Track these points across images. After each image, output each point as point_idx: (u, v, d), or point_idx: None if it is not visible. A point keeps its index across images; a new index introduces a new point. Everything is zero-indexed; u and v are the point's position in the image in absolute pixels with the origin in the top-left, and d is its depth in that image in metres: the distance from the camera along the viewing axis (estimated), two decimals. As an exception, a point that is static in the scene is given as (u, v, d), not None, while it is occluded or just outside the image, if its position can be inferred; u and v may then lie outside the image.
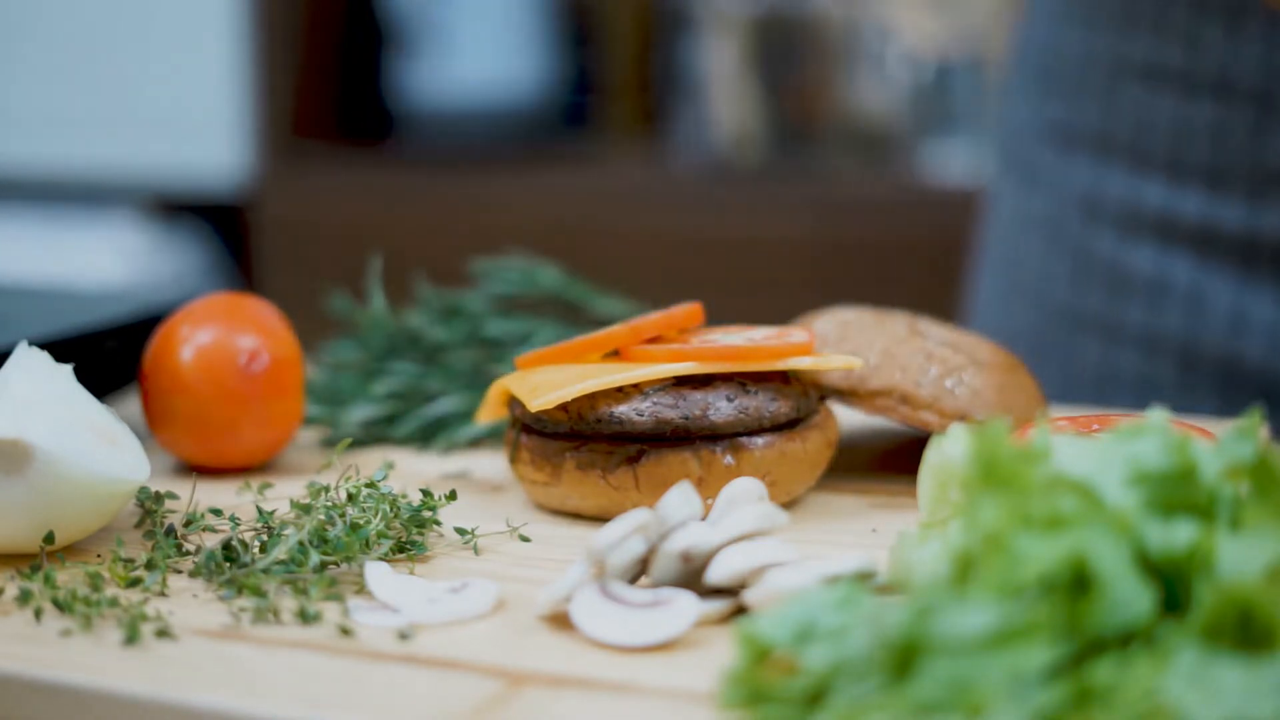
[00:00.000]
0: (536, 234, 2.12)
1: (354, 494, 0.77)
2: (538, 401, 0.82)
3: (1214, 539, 0.55)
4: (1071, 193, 1.20)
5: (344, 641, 0.67)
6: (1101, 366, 1.10)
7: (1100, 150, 1.18)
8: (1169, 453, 0.58)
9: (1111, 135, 1.17)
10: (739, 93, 2.31)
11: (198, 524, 0.80)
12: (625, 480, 0.81)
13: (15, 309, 1.01)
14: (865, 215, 2.18)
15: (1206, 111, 1.12)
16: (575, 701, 0.61)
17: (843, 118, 2.30)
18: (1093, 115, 1.18)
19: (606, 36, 2.55)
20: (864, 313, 0.92)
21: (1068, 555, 0.54)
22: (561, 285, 1.05)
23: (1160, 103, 1.14)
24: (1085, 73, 1.18)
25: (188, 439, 0.92)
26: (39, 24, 2.69)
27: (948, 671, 0.52)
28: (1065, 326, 1.20)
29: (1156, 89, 1.14)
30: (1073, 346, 1.20)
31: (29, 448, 0.74)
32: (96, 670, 0.64)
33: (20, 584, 0.72)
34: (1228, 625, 0.53)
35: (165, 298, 1.02)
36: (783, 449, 0.83)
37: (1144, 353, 1.16)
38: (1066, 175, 1.20)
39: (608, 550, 0.68)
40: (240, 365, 0.91)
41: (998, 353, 0.90)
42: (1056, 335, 1.19)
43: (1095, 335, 1.18)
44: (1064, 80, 1.20)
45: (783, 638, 0.57)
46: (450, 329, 1.04)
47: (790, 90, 2.30)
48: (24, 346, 0.80)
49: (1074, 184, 1.20)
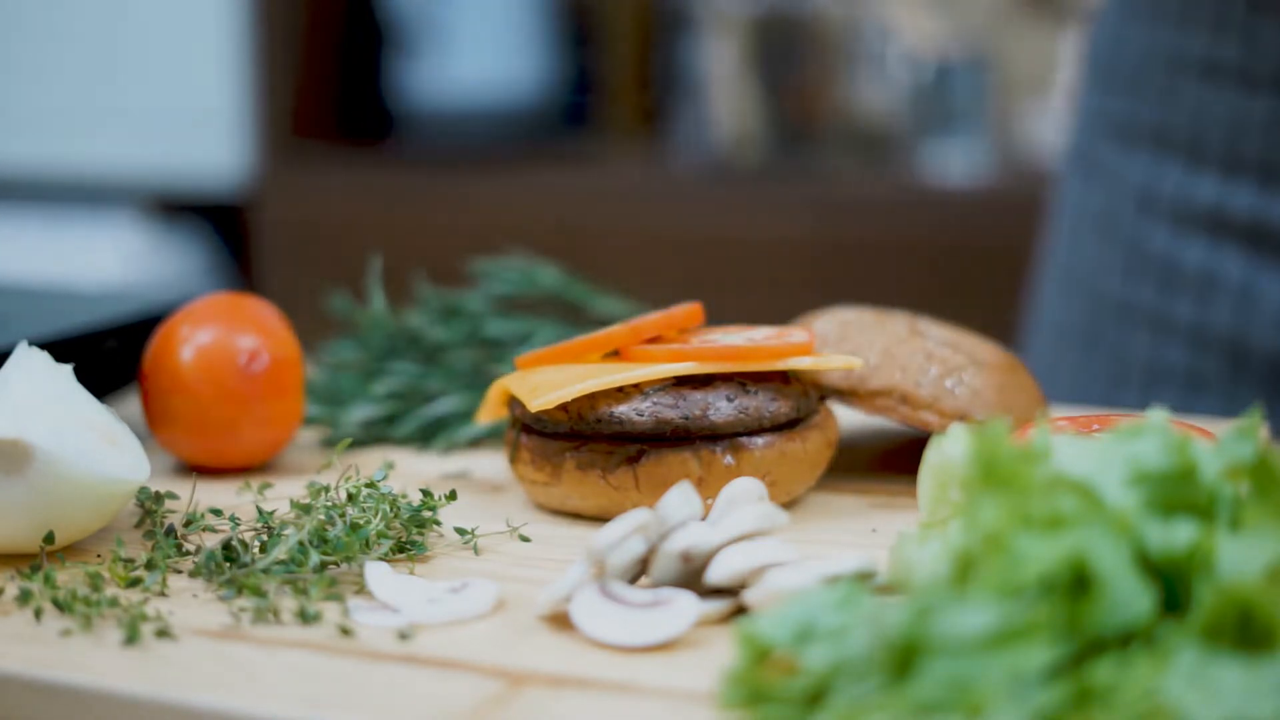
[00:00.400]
0: (536, 234, 2.12)
1: (354, 494, 0.77)
2: (538, 401, 0.82)
3: (1214, 539, 0.55)
4: (1128, 187, 1.21)
5: (344, 641, 0.67)
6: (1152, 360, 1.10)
7: (1158, 145, 1.19)
8: (1169, 453, 0.58)
9: (1169, 130, 1.18)
10: (739, 93, 2.31)
11: (198, 524, 0.80)
12: (625, 480, 0.81)
13: (15, 309, 1.01)
14: (865, 215, 2.19)
15: (1262, 107, 1.12)
16: (575, 701, 0.61)
17: (843, 118, 2.30)
18: (1152, 110, 1.19)
19: (606, 36, 2.55)
20: (864, 313, 0.92)
21: (1068, 555, 0.54)
22: (561, 285, 1.05)
23: (1217, 98, 1.15)
24: (1145, 68, 1.19)
25: (188, 439, 0.92)
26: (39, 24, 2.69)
27: (948, 671, 0.52)
28: (1116, 320, 1.21)
29: (1214, 85, 1.14)
30: (1123, 340, 1.21)
31: (29, 448, 0.74)
32: (96, 670, 0.64)
33: (20, 584, 0.72)
34: (1228, 625, 0.53)
35: (165, 298, 1.02)
36: (783, 449, 0.83)
37: (1193, 348, 1.17)
38: (1124, 169, 1.21)
39: (608, 550, 0.68)
40: (240, 365, 0.91)
41: (998, 353, 0.90)
42: (1108, 328, 1.20)
43: (1145, 329, 1.19)
44: (1125, 75, 1.21)
45: (783, 638, 0.57)
46: (450, 329, 1.04)
47: (790, 90, 2.31)
48: (24, 346, 0.80)
49: (1131, 178, 1.21)
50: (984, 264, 2.10)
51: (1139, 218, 1.20)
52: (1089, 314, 1.23)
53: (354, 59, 2.62)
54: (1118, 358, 1.21)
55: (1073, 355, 1.23)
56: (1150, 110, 1.19)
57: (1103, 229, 1.23)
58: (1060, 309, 1.27)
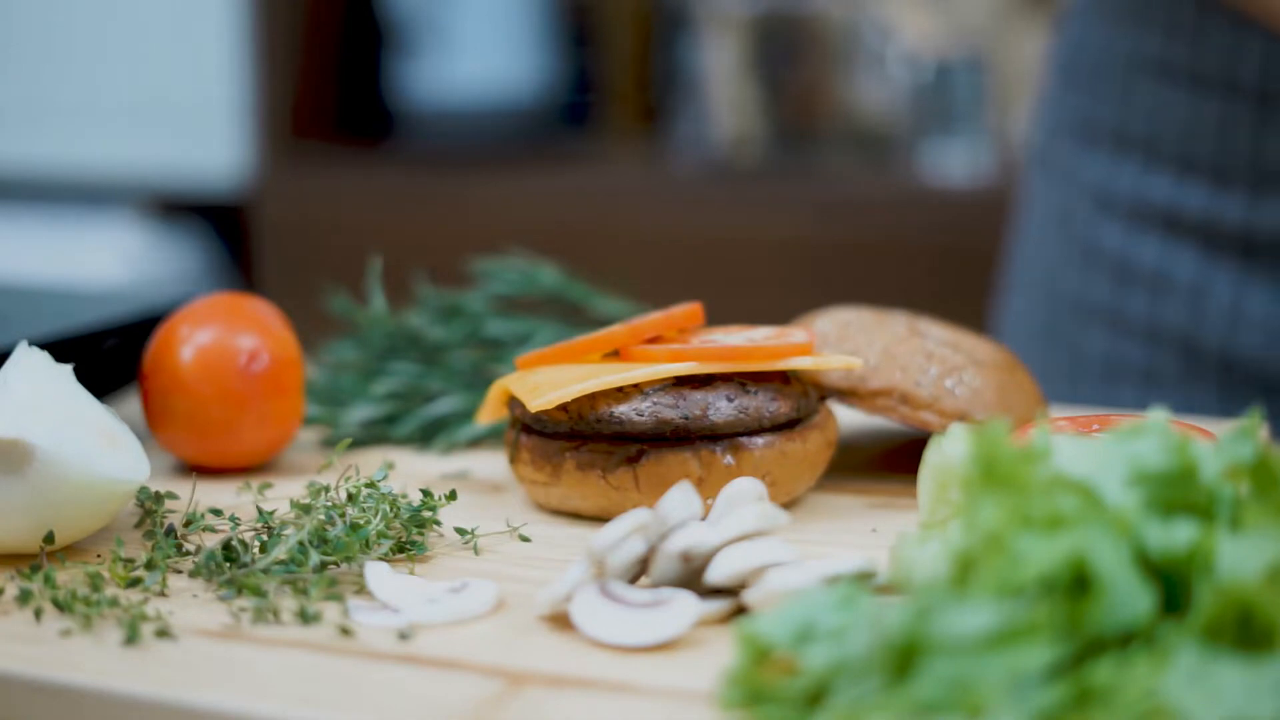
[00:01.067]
0: (536, 234, 2.12)
1: (354, 494, 0.77)
2: (538, 401, 0.82)
3: (1214, 539, 0.55)
4: (1086, 185, 1.22)
5: (344, 641, 0.67)
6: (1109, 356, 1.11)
7: (1115, 144, 1.19)
8: (1169, 453, 0.58)
9: (1126, 130, 1.19)
10: (739, 93, 2.31)
11: (198, 524, 0.80)
12: (625, 480, 0.81)
13: (15, 309, 1.00)
14: (865, 215, 2.19)
15: (1213, 108, 1.13)
16: (575, 701, 0.61)
17: (842, 118, 2.30)
18: (1110, 110, 1.20)
19: (606, 36, 2.55)
20: (864, 313, 0.92)
21: (1068, 555, 0.54)
22: (561, 285, 1.05)
23: (1171, 99, 1.15)
24: (1104, 68, 1.20)
25: (188, 439, 0.92)
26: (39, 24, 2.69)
27: (948, 671, 0.52)
28: (1074, 317, 1.22)
29: (1168, 86, 1.15)
30: (1081, 336, 1.22)
31: (29, 448, 0.74)
32: (96, 670, 0.64)
33: (20, 584, 0.72)
34: (1228, 625, 0.53)
35: (165, 298, 1.02)
36: (783, 449, 0.83)
37: (1148, 344, 1.18)
38: (1082, 168, 1.22)
39: (608, 550, 0.68)
40: (240, 365, 0.91)
41: (998, 353, 0.90)
42: (1066, 326, 1.21)
43: (1102, 326, 1.20)
44: (1085, 75, 1.22)
45: (783, 638, 0.57)
46: (450, 329, 1.04)
47: (790, 90, 2.30)
48: (24, 346, 0.80)
49: (1089, 176, 1.22)
50: (984, 264, 2.10)
51: (1096, 216, 1.21)
52: (1048, 310, 1.24)
53: (354, 59, 2.62)
54: (1076, 354, 1.22)
55: (1034, 351, 1.24)
56: (1109, 110, 1.20)
57: (1061, 227, 1.25)
58: (1023, 305, 1.29)
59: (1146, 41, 1.16)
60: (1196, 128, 1.14)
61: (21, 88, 2.72)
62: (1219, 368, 1.16)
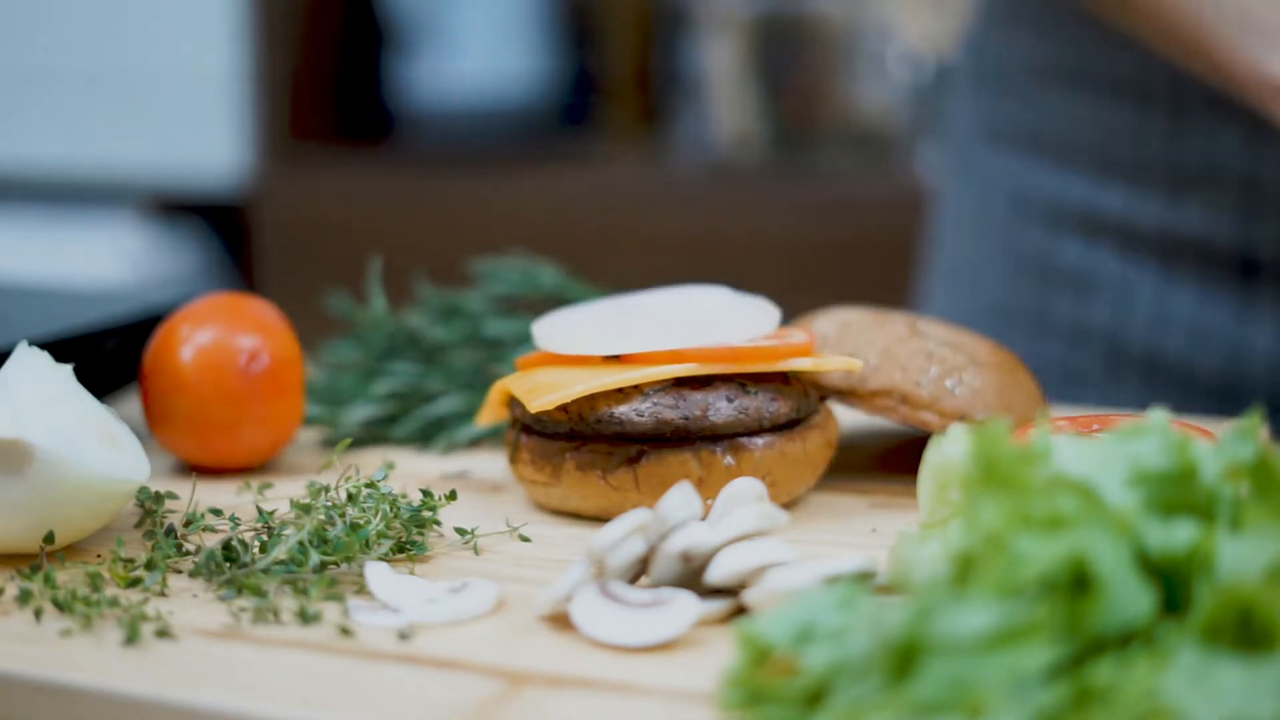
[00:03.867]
0: (536, 234, 2.12)
1: (354, 494, 0.77)
2: (538, 402, 0.82)
3: (1214, 539, 0.55)
4: (1001, 188, 1.22)
5: (344, 641, 0.67)
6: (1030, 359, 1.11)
7: (1029, 147, 1.20)
8: (1169, 453, 0.58)
9: (1039, 133, 1.19)
10: (739, 93, 2.31)
11: (198, 524, 0.80)
12: (625, 481, 0.81)
13: (15, 309, 1.00)
14: (865, 215, 2.18)
15: (1126, 113, 1.13)
16: (575, 701, 0.61)
17: (842, 118, 2.30)
18: (1021, 113, 1.20)
19: (606, 36, 2.55)
20: (864, 313, 0.92)
21: (1068, 555, 0.54)
22: (561, 285, 1.05)
23: (1081, 103, 1.15)
24: (1013, 73, 1.20)
25: (188, 439, 0.92)
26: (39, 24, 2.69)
27: (948, 671, 0.52)
28: (997, 319, 1.22)
29: (1077, 90, 1.15)
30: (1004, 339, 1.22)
31: (29, 448, 0.74)
32: (96, 670, 0.64)
33: (20, 584, 0.72)
34: (1228, 625, 0.53)
35: (165, 298, 1.02)
36: (783, 449, 0.83)
37: (1071, 344, 1.18)
38: (997, 171, 1.23)
39: (608, 550, 0.68)
40: (240, 365, 0.91)
41: (998, 353, 0.90)
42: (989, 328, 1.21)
43: (1024, 328, 1.20)
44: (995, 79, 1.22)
45: (783, 638, 0.57)
46: (450, 329, 1.04)
47: (790, 90, 2.30)
48: (24, 346, 0.80)
49: (1004, 179, 1.22)
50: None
51: (1013, 218, 1.21)
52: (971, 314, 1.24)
53: (353, 59, 2.62)
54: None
55: None
56: (1021, 113, 1.20)
57: (979, 231, 1.25)
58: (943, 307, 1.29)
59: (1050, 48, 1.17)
60: (1110, 131, 1.15)
61: (21, 87, 2.72)
62: (1143, 368, 1.16)
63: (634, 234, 2.28)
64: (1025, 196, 1.20)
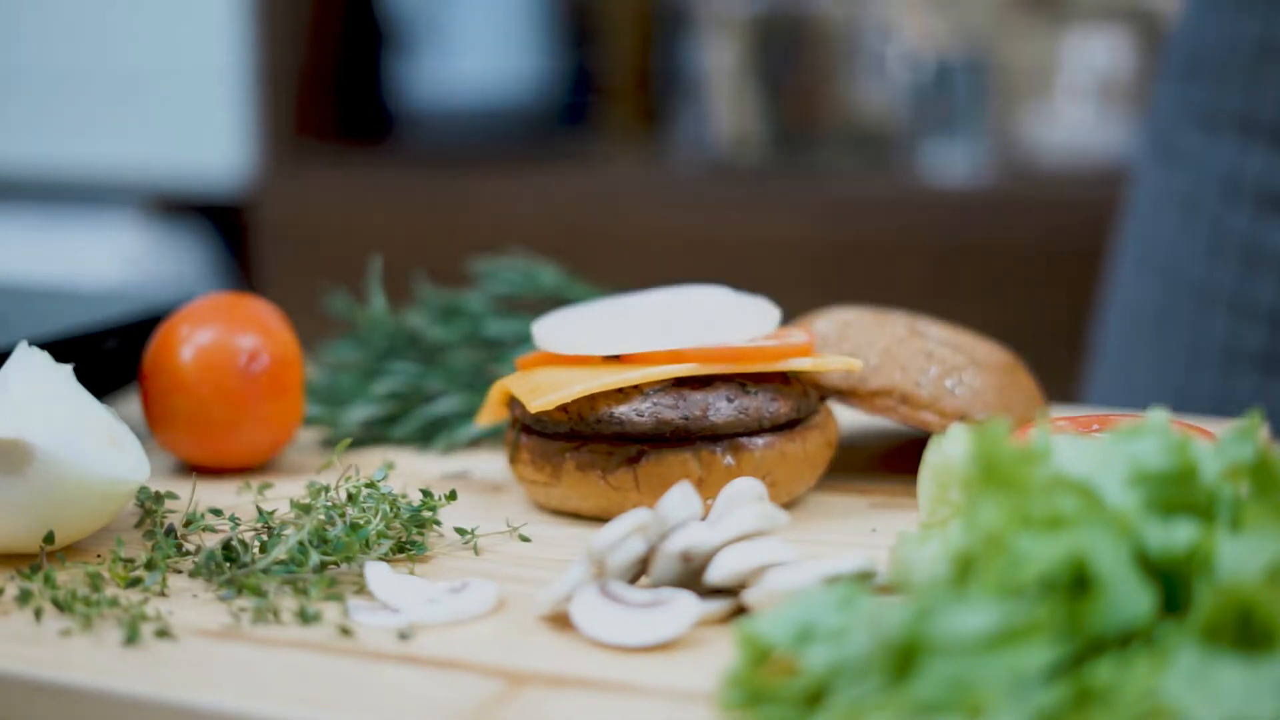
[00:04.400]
0: (536, 234, 2.12)
1: (354, 494, 0.77)
2: (538, 402, 0.82)
3: (1214, 539, 0.55)
4: (1212, 171, 1.22)
5: (344, 641, 0.67)
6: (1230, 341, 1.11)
7: (1243, 131, 1.20)
8: (1169, 453, 0.58)
9: (1255, 116, 1.19)
10: (739, 93, 2.31)
11: (198, 524, 0.80)
12: (625, 481, 0.81)
13: (15, 309, 1.00)
14: (865, 215, 2.19)
15: None
16: (575, 701, 0.61)
17: (842, 118, 2.30)
18: (1237, 97, 1.20)
19: (606, 36, 2.55)
20: (864, 313, 0.92)
21: (1068, 555, 0.54)
22: (561, 285, 1.05)
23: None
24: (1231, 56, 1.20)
25: (188, 439, 0.92)
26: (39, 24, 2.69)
27: (948, 671, 0.52)
28: (1195, 301, 1.22)
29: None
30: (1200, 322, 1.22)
31: (29, 448, 0.74)
32: (96, 670, 0.64)
33: (20, 584, 0.72)
34: (1228, 625, 0.53)
35: (165, 298, 1.02)
36: (783, 449, 0.83)
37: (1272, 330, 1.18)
38: (1209, 155, 1.23)
39: (608, 550, 0.68)
40: (240, 365, 0.91)
41: (997, 353, 0.90)
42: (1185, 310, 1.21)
43: (1224, 311, 1.20)
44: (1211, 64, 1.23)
45: (783, 638, 0.57)
46: (450, 329, 1.04)
47: (790, 90, 2.31)
48: (24, 346, 0.80)
49: (1215, 163, 1.22)
50: (984, 264, 2.10)
51: (1222, 201, 1.21)
52: (1167, 297, 1.24)
53: (354, 59, 2.62)
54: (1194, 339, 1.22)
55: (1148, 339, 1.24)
56: (1236, 97, 1.20)
57: (1185, 212, 1.25)
58: (1136, 294, 1.29)
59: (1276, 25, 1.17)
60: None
61: (22, 87, 2.72)
62: None
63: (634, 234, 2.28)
64: (1237, 180, 1.21)
